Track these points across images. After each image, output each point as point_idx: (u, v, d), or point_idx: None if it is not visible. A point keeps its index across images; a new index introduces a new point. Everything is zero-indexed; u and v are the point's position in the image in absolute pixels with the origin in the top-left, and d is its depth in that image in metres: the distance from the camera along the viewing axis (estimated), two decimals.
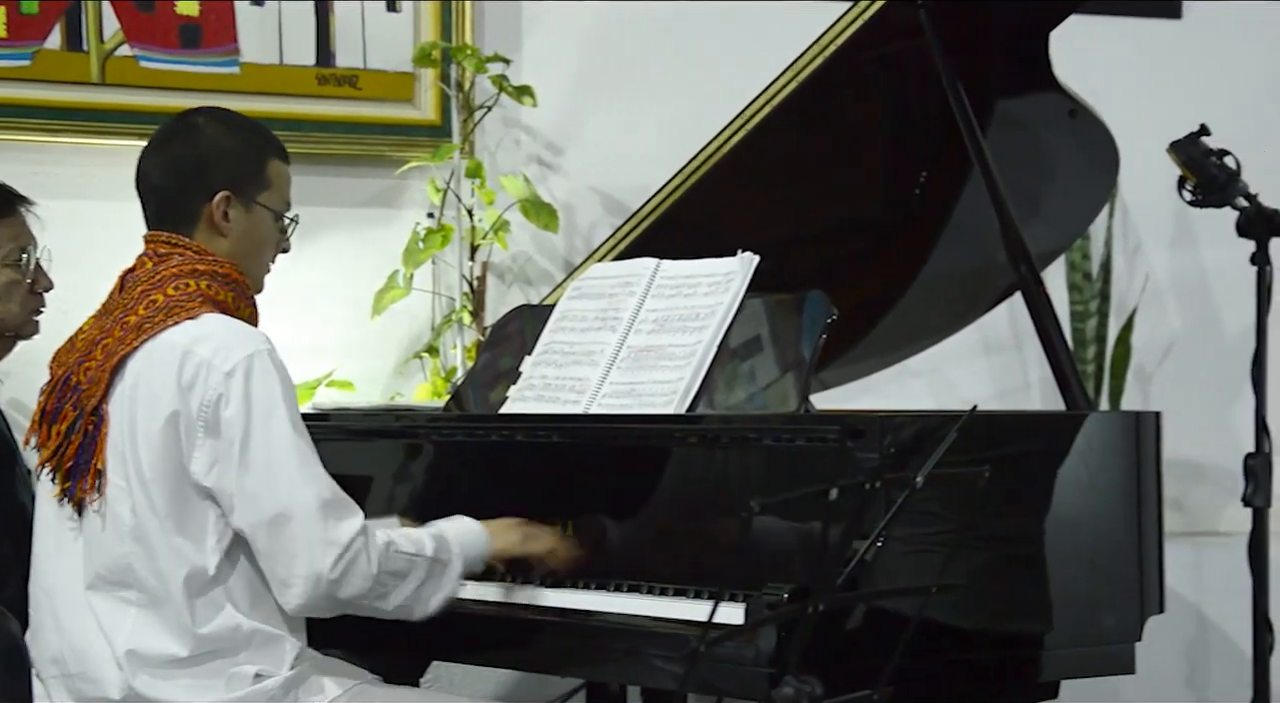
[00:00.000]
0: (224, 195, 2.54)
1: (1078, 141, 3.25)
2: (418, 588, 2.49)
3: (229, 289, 2.52)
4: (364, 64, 3.84)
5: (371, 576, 2.43)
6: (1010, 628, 2.56)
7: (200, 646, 2.43)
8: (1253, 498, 3.32)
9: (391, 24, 3.84)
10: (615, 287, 2.90)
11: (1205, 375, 4.23)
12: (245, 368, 2.43)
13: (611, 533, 2.66)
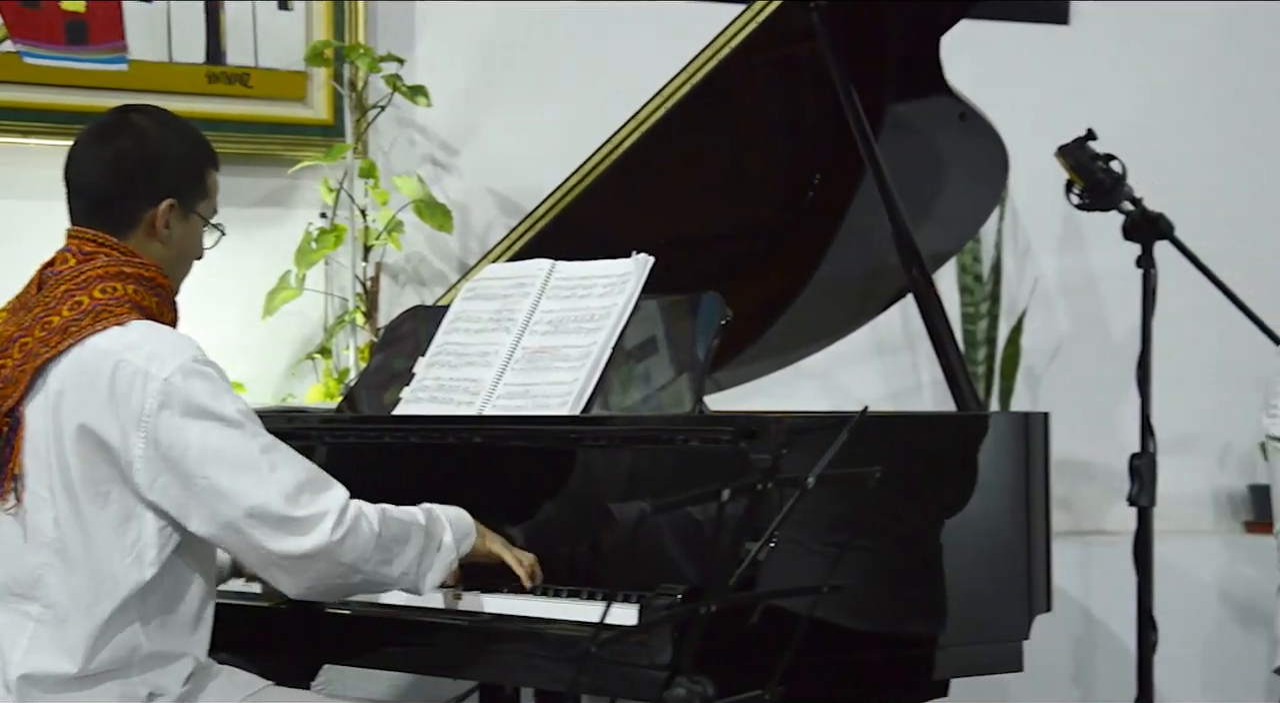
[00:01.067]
0: (170, 204, 2.50)
1: (968, 145, 3.29)
2: (418, 557, 2.45)
3: (154, 294, 2.48)
4: (255, 62, 3.80)
5: (375, 535, 2.39)
6: (900, 627, 2.58)
7: (96, 666, 2.38)
8: (1138, 497, 3.37)
9: (283, 22, 3.81)
10: (510, 288, 2.89)
11: (1093, 376, 4.29)
12: (183, 372, 2.38)
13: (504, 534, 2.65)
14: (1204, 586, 4.13)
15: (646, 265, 2.77)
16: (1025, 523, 2.71)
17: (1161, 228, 3.41)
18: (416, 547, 2.46)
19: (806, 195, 3.33)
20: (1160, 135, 4.28)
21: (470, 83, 3.97)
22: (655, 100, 3.10)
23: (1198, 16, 4.44)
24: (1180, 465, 4.13)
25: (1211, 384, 4.33)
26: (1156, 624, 3.37)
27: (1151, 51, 4.42)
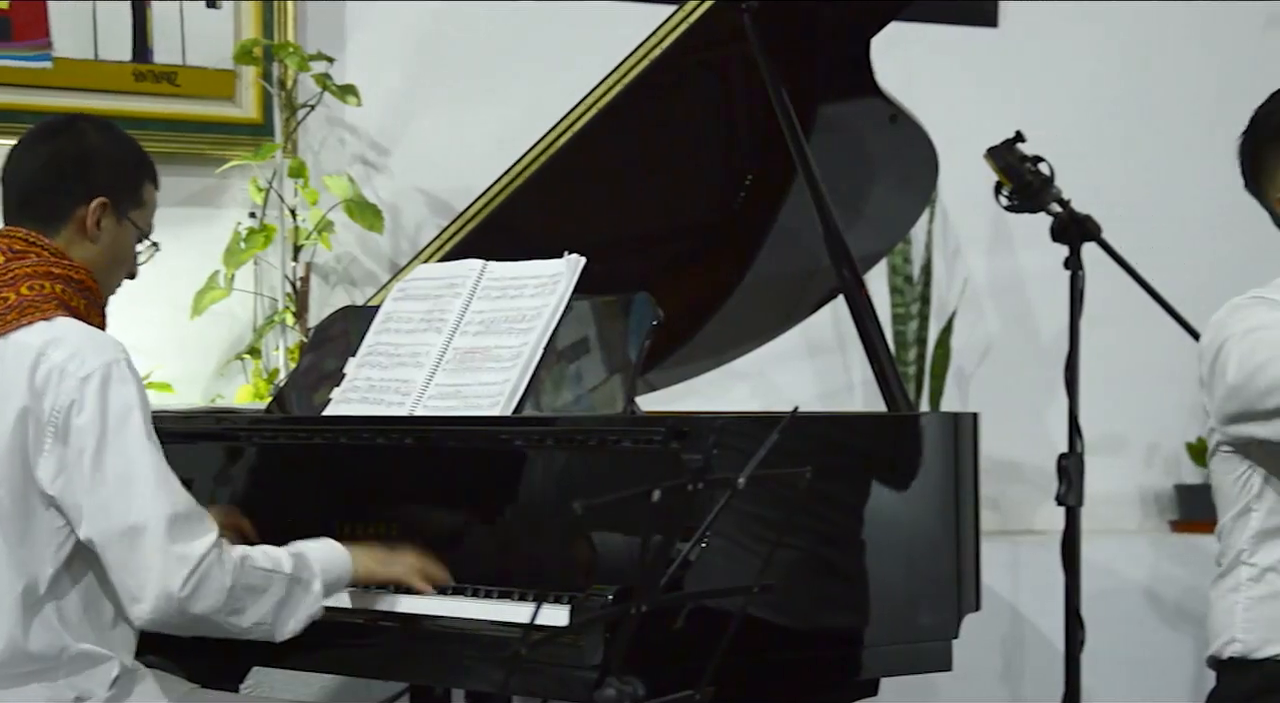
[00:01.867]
0: (101, 201, 2.49)
1: (898, 146, 3.30)
2: (276, 606, 2.43)
3: (82, 296, 2.46)
4: (183, 61, 3.77)
5: (225, 590, 2.37)
6: (831, 627, 2.59)
7: (20, 665, 2.36)
8: (1066, 497, 3.40)
9: (211, 20, 3.78)
10: (441, 288, 2.89)
11: (1021, 377, 4.32)
12: (102, 375, 2.37)
13: (436, 536, 2.64)
14: (1131, 585, 4.16)
15: (578, 266, 2.77)
16: (954, 523, 2.73)
17: (1089, 229, 3.43)
18: (274, 598, 2.44)
19: (738, 196, 3.34)
20: (1088, 137, 4.32)
21: (401, 82, 3.95)
22: (587, 101, 3.09)
23: (1125, 20, 4.48)
24: (1107, 466, 4.16)
25: (1139, 385, 4.37)
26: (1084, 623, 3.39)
27: (1079, 54, 4.46)
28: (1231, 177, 4.55)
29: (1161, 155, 4.50)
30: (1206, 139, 4.53)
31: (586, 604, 2.31)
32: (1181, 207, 4.49)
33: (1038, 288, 4.30)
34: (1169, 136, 4.51)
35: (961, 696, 3.87)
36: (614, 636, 2.21)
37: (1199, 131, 4.52)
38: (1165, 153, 4.51)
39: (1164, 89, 4.52)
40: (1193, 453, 4.36)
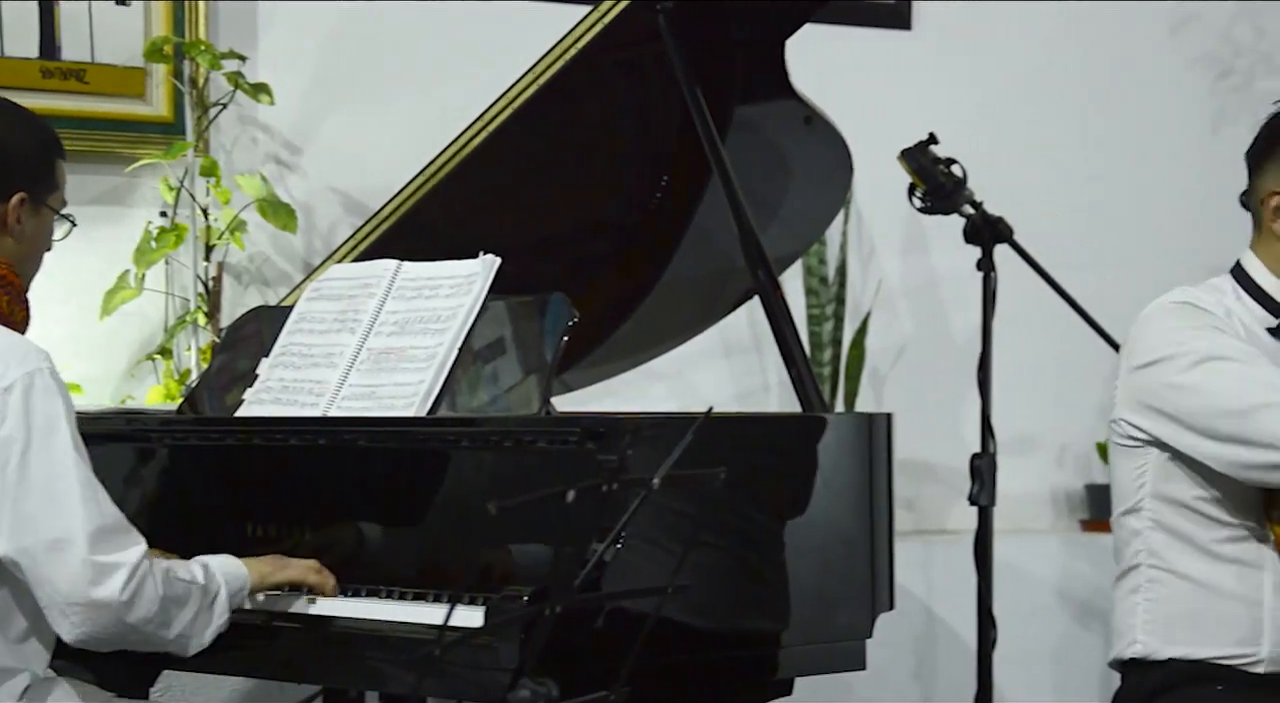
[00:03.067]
0: (20, 198, 2.45)
1: (813, 148, 3.32)
2: (194, 618, 2.41)
3: (5, 293, 2.42)
4: (91, 58, 3.72)
5: (159, 599, 2.35)
6: (746, 627, 2.59)
7: None
8: (978, 497, 3.43)
9: (121, 17, 3.73)
10: (355, 288, 2.87)
11: (935, 378, 4.35)
12: (25, 385, 2.33)
13: (351, 537, 2.63)
14: (1042, 583, 4.20)
15: (493, 266, 2.76)
16: (869, 522, 2.74)
17: (1001, 231, 3.47)
18: (193, 609, 2.42)
19: (654, 197, 3.34)
20: (1001, 140, 4.36)
21: (315, 81, 3.93)
22: (502, 100, 3.09)
23: (1038, 22, 4.53)
24: (1019, 465, 4.21)
25: (1050, 385, 4.41)
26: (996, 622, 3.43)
27: (992, 57, 4.49)
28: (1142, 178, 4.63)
29: (1072, 158, 4.55)
30: (1118, 141, 4.59)
31: (501, 605, 2.30)
32: (1093, 208, 4.54)
33: (951, 289, 4.33)
34: (1080, 139, 4.56)
35: (875, 695, 3.90)
36: (529, 637, 2.21)
37: (1110, 134, 4.58)
38: (1077, 154, 4.55)
39: (1074, 91, 4.57)
40: (1103, 453, 4.40)
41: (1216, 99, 4.65)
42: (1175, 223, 4.48)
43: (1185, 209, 4.48)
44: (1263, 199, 2.69)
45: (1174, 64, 4.63)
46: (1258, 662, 2.63)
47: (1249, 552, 2.64)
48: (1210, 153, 4.48)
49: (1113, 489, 2.77)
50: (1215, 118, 4.62)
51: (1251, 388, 2.56)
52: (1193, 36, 4.64)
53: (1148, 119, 4.62)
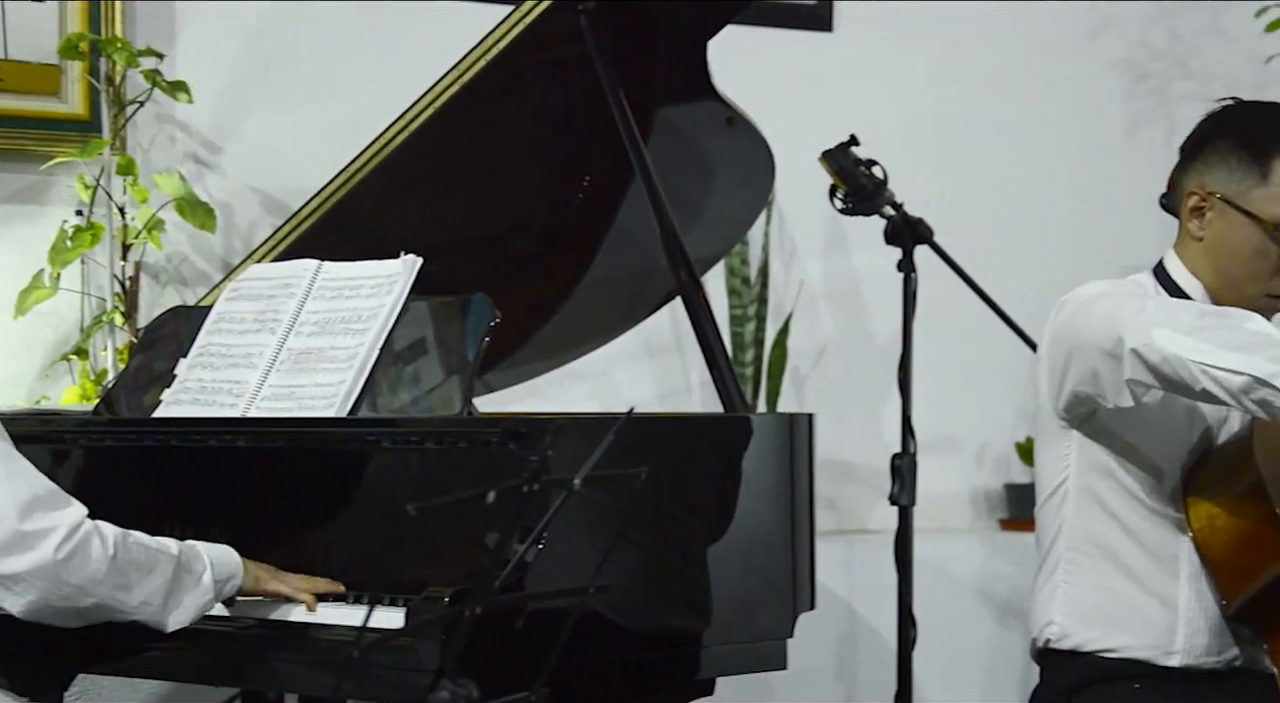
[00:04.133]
0: None
1: (735, 149, 3.33)
2: (165, 587, 2.37)
3: None
4: (5, 54, 3.68)
5: (107, 559, 2.30)
6: (667, 627, 2.59)
7: None
8: (899, 497, 3.45)
9: (35, 14, 3.69)
10: (275, 288, 2.85)
11: (857, 378, 4.37)
12: None
13: (270, 539, 2.61)
14: (962, 582, 4.23)
15: (415, 266, 2.75)
16: (790, 523, 2.75)
17: (921, 233, 3.49)
18: (163, 577, 2.38)
19: (576, 197, 3.33)
20: (921, 142, 4.38)
21: (234, 80, 3.90)
22: (423, 100, 3.07)
23: (958, 25, 4.56)
24: (939, 465, 4.23)
25: (970, 386, 4.44)
26: (916, 621, 3.45)
27: (913, 59, 4.52)
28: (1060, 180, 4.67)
29: (993, 160, 4.58)
30: (1037, 143, 4.63)
31: (422, 606, 2.29)
32: (1013, 210, 4.58)
33: (872, 290, 4.36)
34: (1001, 141, 4.59)
35: (796, 695, 3.91)
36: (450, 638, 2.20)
37: (1029, 136, 4.62)
38: (997, 157, 4.59)
39: (996, 94, 4.60)
40: (1022, 453, 4.44)
41: (1133, 103, 4.70)
42: (1093, 225, 4.52)
43: (1102, 211, 4.52)
44: (1183, 198, 2.72)
45: (1092, 67, 4.67)
46: (1172, 654, 2.66)
47: (1166, 542, 2.66)
48: (1126, 156, 4.53)
49: (1037, 478, 2.79)
50: (1131, 121, 4.68)
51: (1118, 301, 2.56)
52: (1110, 40, 4.69)
53: (1066, 121, 4.66)
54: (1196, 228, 2.69)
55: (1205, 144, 2.70)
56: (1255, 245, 2.64)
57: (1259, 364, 2.36)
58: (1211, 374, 2.39)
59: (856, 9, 4.46)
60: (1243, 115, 2.71)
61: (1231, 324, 2.45)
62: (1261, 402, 2.37)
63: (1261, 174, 2.63)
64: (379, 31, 3.99)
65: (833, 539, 4.14)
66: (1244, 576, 2.58)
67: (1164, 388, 2.49)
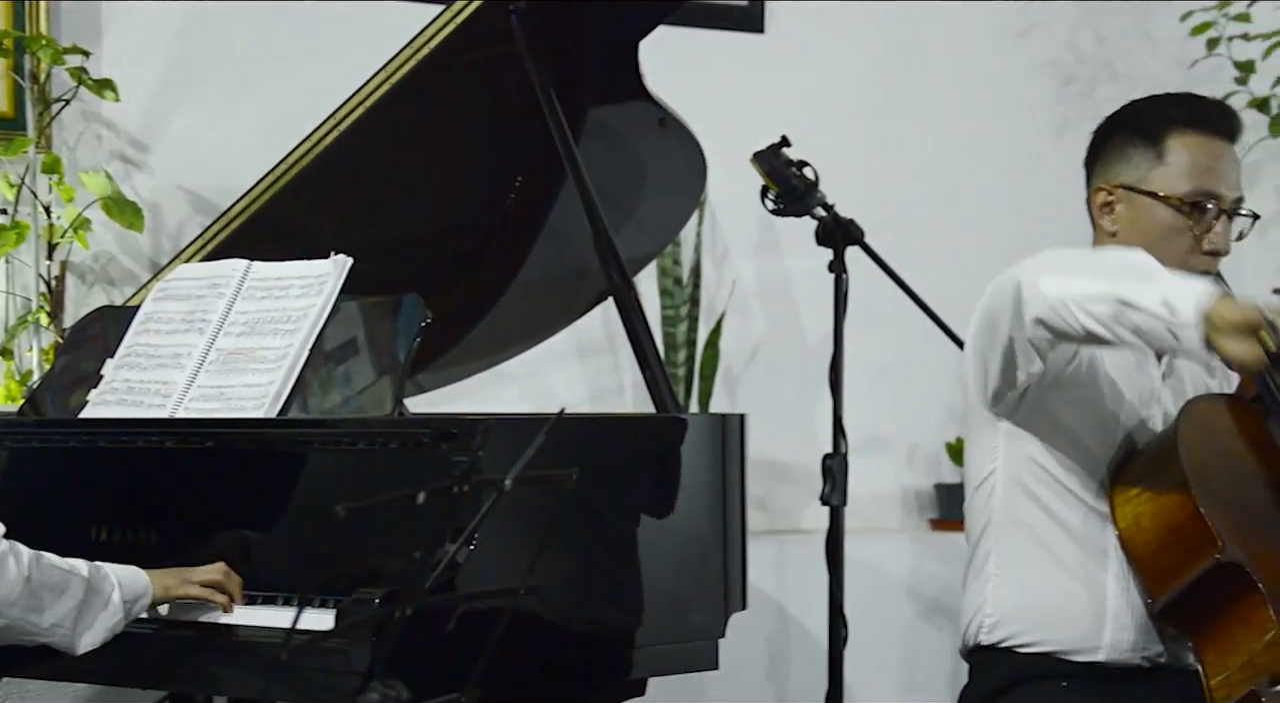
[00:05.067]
0: None
1: (667, 150, 3.33)
2: (76, 609, 2.36)
3: None
4: None
5: (21, 580, 2.29)
6: (598, 627, 2.59)
7: None
8: (830, 497, 3.46)
9: None
10: (203, 288, 2.84)
11: (789, 379, 4.38)
12: None
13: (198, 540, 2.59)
14: (893, 582, 4.25)
15: (345, 267, 2.74)
16: (721, 523, 2.76)
17: (852, 233, 3.50)
18: (74, 599, 2.37)
19: (508, 198, 3.33)
20: (853, 142, 4.40)
21: (162, 78, 3.86)
22: (354, 99, 3.06)
23: (889, 26, 4.58)
24: (870, 465, 4.25)
25: (900, 386, 4.46)
26: (847, 620, 3.46)
27: (845, 60, 4.54)
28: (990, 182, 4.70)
29: (923, 161, 4.61)
30: (967, 145, 4.66)
31: (352, 608, 2.28)
32: (942, 211, 4.60)
33: (804, 290, 4.37)
34: (931, 143, 4.62)
35: (728, 695, 3.92)
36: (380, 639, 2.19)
37: (961, 137, 4.65)
38: (927, 159, 4.61)
39: (926, 95, 4.63)
40: (952, 452, 4.47)
41: (1061, 105, 4.74)
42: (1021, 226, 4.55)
43: (1031, 213, 4.56)
44: (1092, 196, 2.76)
45: (1020, 70, 4.71)
46: (1097, 649, 2.68)
47: (1094, 535, 2.68)
48: (1054, 158, 4.56)
49: (965, 472, 2.80)
50: (1059, 124, 4.71)
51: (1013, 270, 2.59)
52: (1038, 43, 4.73)
53: (995, 124, 4.69)
54: (1109, 224, 2.73)
55: (1103, 145, 2.76)
56: (1167, 224, 2.68)
57: (1124, 287, 2.34)
58: (1085, 307, 2.37)
59: (788, 10, 4.47)
60: (1132, 107, 2.78)
61: (1105, 258, 2.48)
62: (1133, 327, 2.34)
63: (1157, 154, 2.69)
64: (308, 31, 3.97)
65: (764, 539, 4.15)
66: (1169, 573, 2.61)
67: (1058, 338, 2.48)
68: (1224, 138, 2.71)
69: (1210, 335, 2.28)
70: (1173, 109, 2.73)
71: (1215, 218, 2.68)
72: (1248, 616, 2.55)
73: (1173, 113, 2.71)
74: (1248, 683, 2.53)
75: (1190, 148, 2.68)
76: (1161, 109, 2.74)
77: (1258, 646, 2.54)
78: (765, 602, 4.03)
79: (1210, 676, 2.57)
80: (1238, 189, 2.71)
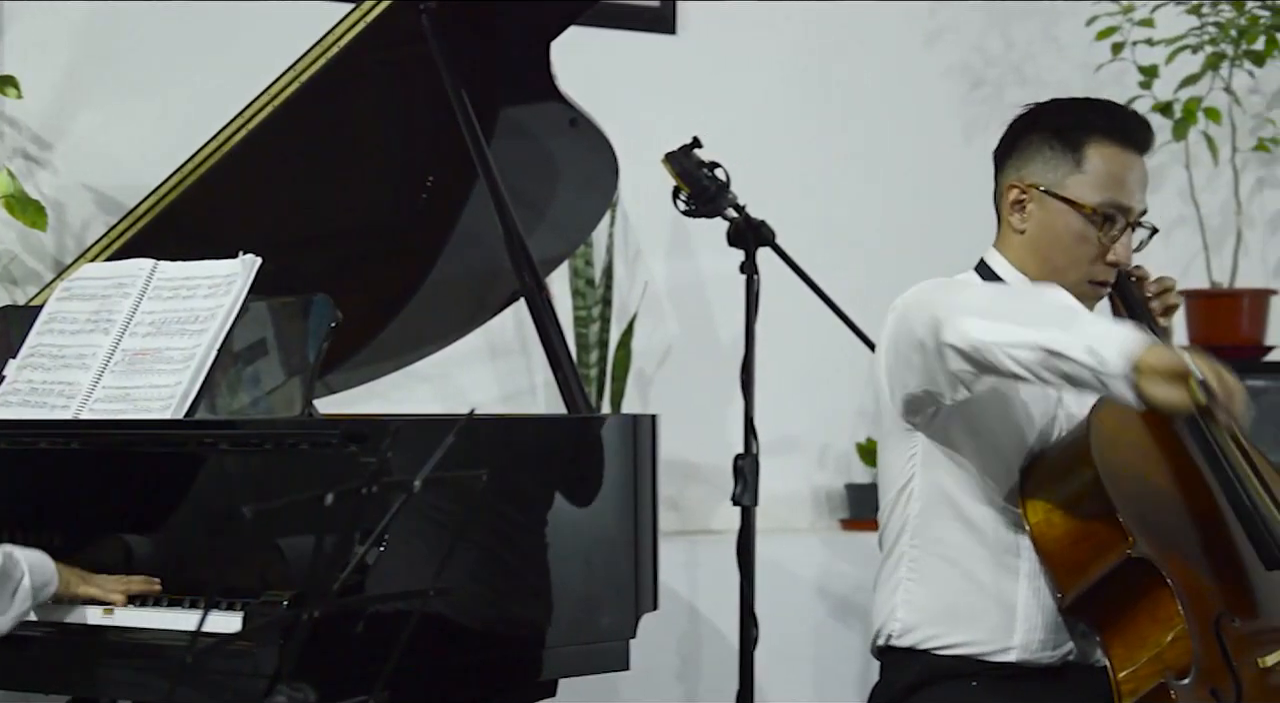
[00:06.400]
0: None
1: (579, 150, 3.33)
2: None
3: None
4: None
5: None
6: (509, 629, 2.59)
7: None
8: (741, 497, 3.47)
9: None
10: (109, 288, 2.81)
11: (701, 379, 4.39)
12: None
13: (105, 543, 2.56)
14: (803, 582, 4.27)
15: (254, 266, 2.72)
16: (633, 523, 2.76)
17: (764, 234, 3.51)
18: None
19: (420, 198, 3.31)
20: (764, 143, 4.42)
21: (67, 75, 3.81)
22: (263, 98, 3.03)
23: (801, 27, 4.60)
24: (782, 465, 4.26)
25: (811, 387, 4.48)
26: (758, 620, 3.47)
27: (756, 61, 4.55)
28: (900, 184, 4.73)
29: (833, 163, 4.63)
30: (877, 147, 4.69)
31: (260, 610, 2.26)
32: (853, 212, 4.63)
33: (716, 291, 4.38)
34: (841, 144, 4.64)
35: (639, 695, 3.92)
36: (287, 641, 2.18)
37: (869, 140, 4.67)
38: (837, 160, 4.64)
39: (837, 97, 4.65)
40: (862, 453, 4.50)
41: (970, 108, 4.78)
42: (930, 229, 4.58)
43: (940, 215, 4.59)
44: (1002, 193, 2.78)
45: (929, 73, 4.75)
46: (1008, 649, 2.71)
47: (1007, 539, 2.70)
48: (963, 161, 4.59)
49: (881, 478, 2.82)
50: (968, 127, 4.75)
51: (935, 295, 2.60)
52: (947, 47, 4.77)
53: (905, 126, 4.73)
54: (1018, 221, 2.76)
55: (1019, 140, 2.78)
56: (1076, 231, 2.72)
57: (1049, 336, 2.38)
58: (1011, 353, 2.41)
59: (699, 11, 4.48)
60: (1052, 109, 2.80)
61: (1026, 301, 2.50)
62: (1060, 374, 2.39)
63: (1075, 161, 2.72)
64: (216, 28, 3.93)
65: (676, 540, 4.16)
66: (1079, 569, 2.63)
67: (983, 373, 2.52)
68: (1139, 151, 2.74)
69: (1139, 383, 2.34)
70: (1094, 116, 2.75)
71: (1121, 230, 2.72)
72: (1156, 611, 2.59)
73: (1094, 120, 2.74)
74: (1155, 677, 2.56)
75: (1107, 159, 2.71)
76: (1083, 115, 2.76)
77: (1165, 640, 2.58)
78: (676, 602, 4.04)
79: (1117, 670, 2.61)
80: (1143, 202, 2.75)
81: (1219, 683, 2.57)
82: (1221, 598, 2.63)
